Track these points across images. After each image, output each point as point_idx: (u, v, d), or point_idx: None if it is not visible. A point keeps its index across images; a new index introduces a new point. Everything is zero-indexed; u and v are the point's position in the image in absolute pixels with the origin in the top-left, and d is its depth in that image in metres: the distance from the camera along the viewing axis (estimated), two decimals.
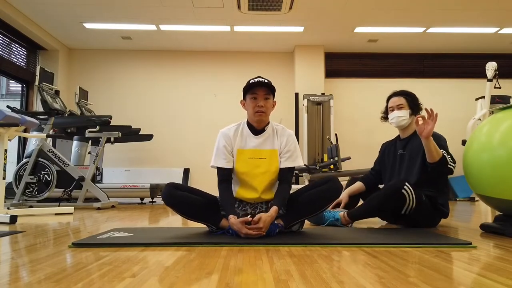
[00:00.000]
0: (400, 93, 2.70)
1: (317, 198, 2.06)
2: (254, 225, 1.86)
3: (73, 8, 5.66)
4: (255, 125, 2.15)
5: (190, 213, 2.09)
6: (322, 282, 1.16)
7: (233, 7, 5.58)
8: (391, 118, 2.67)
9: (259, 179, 2.08)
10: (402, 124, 2.63)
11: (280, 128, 2.19)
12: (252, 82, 2.09)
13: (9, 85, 10.12)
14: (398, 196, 2.36)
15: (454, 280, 1.19)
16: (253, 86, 2.08)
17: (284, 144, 2.13)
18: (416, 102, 2.65)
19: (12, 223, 2.71)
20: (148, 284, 1.13)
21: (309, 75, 7.20)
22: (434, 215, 2.51)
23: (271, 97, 2.13)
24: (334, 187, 2.09)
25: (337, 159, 5.64)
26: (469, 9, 5.69)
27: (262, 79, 2.10)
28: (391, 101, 2.70)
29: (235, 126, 2.20)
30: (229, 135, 2.15)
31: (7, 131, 2.99)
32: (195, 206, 2.05)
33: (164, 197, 2.07)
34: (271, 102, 2.14)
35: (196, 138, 7.25)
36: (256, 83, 2.07)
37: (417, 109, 2.64)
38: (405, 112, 2.61)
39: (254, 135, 2.15)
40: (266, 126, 2.17)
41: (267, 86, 2.08)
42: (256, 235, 1.86)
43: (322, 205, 2.09)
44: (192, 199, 2.07)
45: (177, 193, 2.06)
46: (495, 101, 6.11)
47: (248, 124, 2.18)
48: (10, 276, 1.23)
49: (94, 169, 4.42)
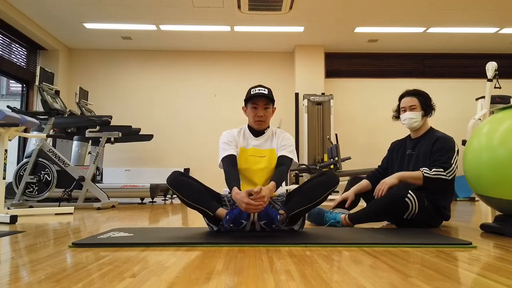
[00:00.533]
0: (413, 92, 2.64)
1: (316, 186, 2.10)
2: (257, 196, 1.90)
3: (73, 8, 5.67)
4: (256, 128, 2.29)
5: (191, 197, 2.10)
6: (322, 282, 1.16)
7: (233, 7, 5.59)
8: (403, 119, 2.63)
9: (259, 175, 2.19)
10: (414, 126, 2.61)
11: (279, 131, 2.33)
12: (253, 93, 2.19)
13: (9, 85, 10.12)
14: (401, 204, 2.35)
15: (454, 280, 1.19)
16: (254, 97, 2.20)
17: (281, 140, 2.26)
18: (429, 102, 2.60)
19: (12, 223, 2.72)
20: (148, 284, 1.13)
21: (309, 75, 7.20)
22: (436, 218, 2.51)
23: (271, 106, 2.26)
24: (332, 175, 2.15)
25: (337, 159, 5.64)
26: (469, 9, 5.69)
27: (263, 90, 2.20)
28: (404, 101, 2.64)
29: (238, 129, 2.34)
30: (233, 134, 2.29)
31: (7, 131, 2.99)
32: (195, 191, 2.11)
33: (169, 180, 2.14)
34: (271, 111, 2.28)
35: (196, 138, 7.25)
36: (257, 94, 2.18)
37: (430, 110, 2.60)
38: (417, 114, 2.57)
39: (255, 137, 2.29)
40: (266, 129, 2.31)
41: (267, 97, 2.20)
42: (257, 205, 1.90)
43: (321, 192, 2.09)
44: (193, 184, 2.14)
45: (180, 177, 2.15)
46: (495, 101, 6.11)
47: (249, 127, 2.33)
48: (10, 276, 1.23)
49: (94, 169, 4.42)
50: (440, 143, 2.47)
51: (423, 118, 2.59)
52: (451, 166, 2.39)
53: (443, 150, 2.43)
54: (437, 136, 2.53)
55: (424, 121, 2.61)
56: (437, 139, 2.50)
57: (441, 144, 2.46)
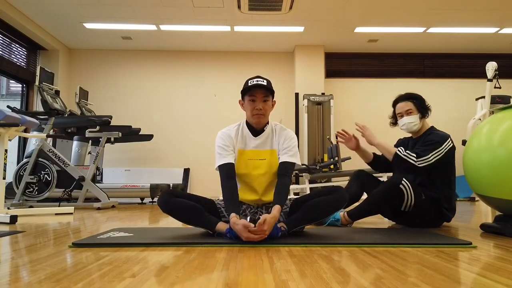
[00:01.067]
0: (406, 97, 2.64)
1: (322, 207, 2.01)
2: (259, 228, 1.77)
3: (73, 8, 5.67)
4: (254, 125, 2.11)
5: (187, 219, 2.05)
6: (322, 282, 1.16)
7: (233, 7, 5.58)
8: (401, 124, 2.63)
9: (259, 180, 2.05)
10: (414, 130, 2.61)
11: (279, 127, 2.15)
12: (250, 84, 2.02)
13: (9, 85, 10.13)
14: (396, 191, 2.37)
15: (454, 280, 1.19)
16: (252, 88, 2.02)
17: (283, 141, 2.09)
18: (424, 104, 2.61)
19: (12, 223, 2.72)
20: (148, 284, 1.13)
21: (309, 75, 7.20)
22: (436, 217, 2.50)
23: (270, 98, 2.08)
24: (341, 197, 2.04)
25: (337, 159, 5.64)
26: (469, 9, 5.69)
27: (261, 81, 2.03)
28: (399, 107, 2.65)
29: (235, 127, 2.15)
30: (231, 135, 2.11)
31: (7, 131, 2.99)
32: (189, 211, 1.99)
33: (159, 204, 2.02)
34: (270, 104, 2.09)
35: (196, 138, 7.25)
36: (255, 85, 2.01)
37: (426, 111, 2.60)
38: (415, 117, 2.57)
39: (254, 136, 2.12)
40: (266, 126, 2.13)
41: (266, 88, 2.02)
42: (259, 239, 1.79)
43: (328, 212, 2.08)
44: (187, 204, 2.00)
45: (170, 200, 2.01)
46: (495, 101, 6.11)
47: (248, 124, 2.15)
48: (10, 276, 1.23)
49: (94, 169, 4.42)
50: (430, 137, 2.51)
51: (421, 120, 2.60)
52: (426, 156, 2.40)
53: (427, 142, 2.48)
54: (432, 133, 2.56)
55: (422, 123, 2.62)
56: (430, 134, 2.54)
57: (429, 138, 2.51)
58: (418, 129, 2.61)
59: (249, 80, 2.06)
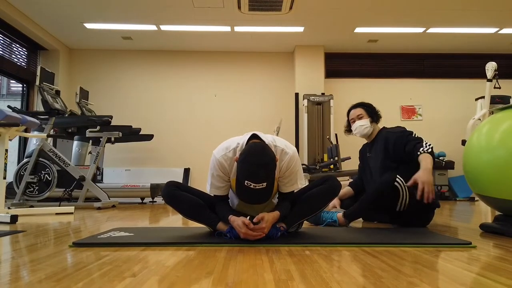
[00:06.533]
0: (358, 105, 2.86)
1: (316, 198, 2.05)
2: (257, 226, 1.78)
3: (74, 8, 5.67)
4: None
5: (189, 213, 2.07)
6: (322, 282, 1.16)
7: (233, 7, 5.59)
8: (354, 128, 2.80)
9: (258, 207, 1.99)
10: (365, 133, 2.76)
11: (279, 151, 1.92)
12: (246, 184, 1.70)
13: (10, 85, 10.13)
14: (391, 189, 2.39)
15: (454, 280, 1.19)
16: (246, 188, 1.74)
17: (285, 168, 1.91)
18: (374, 110, 2.81)
19: (13, 222, 2.72)
20: (148, 284, 1.13)
21: (309, 75, 7.20)
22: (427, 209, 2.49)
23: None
24: (333, 186, 2.08)
25: (337, 159, 5.64)
26: (469, 9, 5.69)
27: (259, 185, 1.70)
28: (351, 114, 2.84)
29: (231, 153, 1.91)
30: (224, 165, 1.91)
31: (8, 131, 3.00)
32: (193, 205, 2.02)
33: (164, 196, 2.05)
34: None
35: (196, 138, 7.25)
36: (250, 190, 1.73)
37: (376, 117, 2.79)
38: (365, 120, 2.75)
39: None
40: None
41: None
42: (257, 236, 1.79)
43: (322, 205, 2.09)
44: (191, 199, 2.03)
45: (176, 192, 2.03)
46: (495, 101, 6.11)
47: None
48: (10, 276, 1.23)
49: (94, 169, 4.43)
50: (394, 134, 2.61)
51: (372, 124, 2.76)
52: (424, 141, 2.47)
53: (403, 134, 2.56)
54: (387, 131, 2.69)
55: (373, 127, 2.77)
56: (387, 133, 2.66)
57: (397, 133, 2.60)
58: (369, 132, 2.76)
59: (245, 182, 1.70)
